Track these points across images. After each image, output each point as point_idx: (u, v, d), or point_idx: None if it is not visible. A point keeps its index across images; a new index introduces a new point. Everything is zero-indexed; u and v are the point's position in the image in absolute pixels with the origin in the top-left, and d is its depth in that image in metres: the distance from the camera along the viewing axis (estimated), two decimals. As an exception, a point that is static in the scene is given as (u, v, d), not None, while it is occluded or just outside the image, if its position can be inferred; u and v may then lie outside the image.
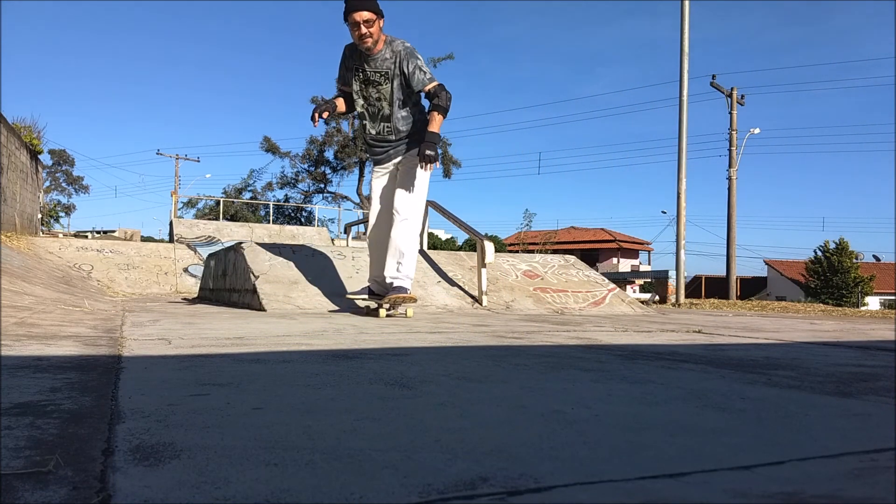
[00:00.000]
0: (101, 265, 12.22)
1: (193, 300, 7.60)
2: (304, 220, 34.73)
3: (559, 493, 0.73)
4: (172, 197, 19.39)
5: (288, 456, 0.85)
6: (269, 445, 0.90)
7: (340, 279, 5.48)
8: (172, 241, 15.50)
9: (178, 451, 0.86)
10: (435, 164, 3.83)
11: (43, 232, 17.23)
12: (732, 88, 21.81)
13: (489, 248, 5.59)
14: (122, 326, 3.03)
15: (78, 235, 25.53)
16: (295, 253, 5.78)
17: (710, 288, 34.64)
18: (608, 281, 6.57)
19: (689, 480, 0.78)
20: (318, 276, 5.43)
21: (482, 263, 5.57)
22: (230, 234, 16.19)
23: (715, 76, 21.42)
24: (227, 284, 6.37)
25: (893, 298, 35.00)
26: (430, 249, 6.89)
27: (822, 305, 10.04)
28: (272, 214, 31.22)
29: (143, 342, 2.28)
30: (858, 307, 24.60)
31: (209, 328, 2.95)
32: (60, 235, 20.36)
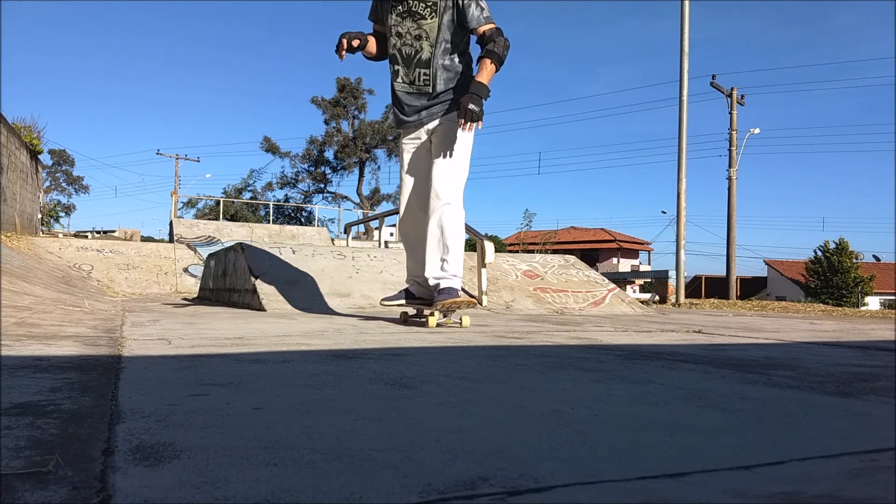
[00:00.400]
0: (101, 265, 12.22)
1: (193, 300, 7.60)
2: (304, 220, 34.75)
3: (559, 493, 0.73)
4: (172, 197, 19.40)
5: (288, 456, 0.85)
6: (269, 445, 0.90)
7: (340, 279, 5.48)
8: (172, 241, 15.50)
9: (178, 451, 0.86)
10: (478, 123, 3.01)
11: (43, 232, 17.23)
12: (732, 88, 21.81)
13: (489, 248, 5.59)
14: (122, 326, 3.03)
15: (78, 235, 25.53)
16: (295, 253, 5.78)
17: (710, 288, 34.64)
18: (608, 281, 6.57)
19: (689, 480, 0.78)
20: (318, 276, 5.43)
21: (482, 263, 5.57)
22: (230, 234, 16.20)
23: (715, 76, 21.43)
24: (227, 284, 6.37)
25: (893, 298, 35.00)
26: (430, 249, 6.88)
27: (822, 305, 10.04)
28: (272, 214, 31.22)
29: (143, 342, 2.28)
30: (858, 307, 24.60)
31: (209, 328, 2.95)
32: (60, 235, 20.36)
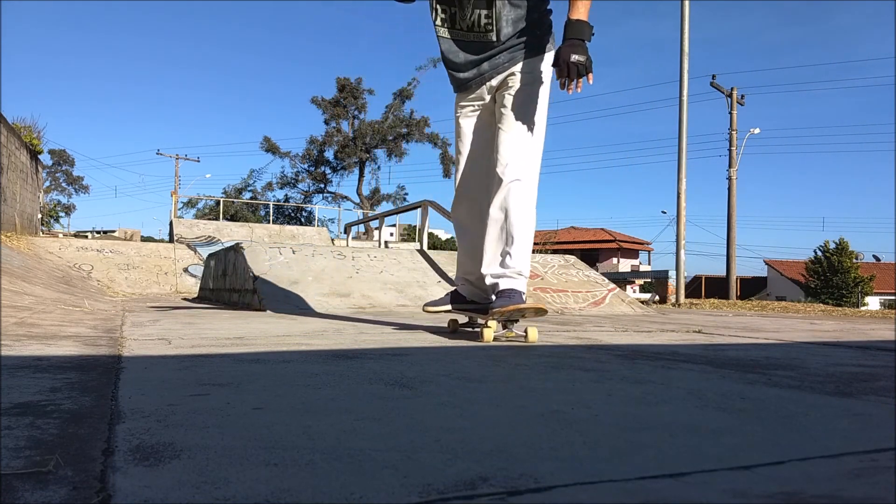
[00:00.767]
0: (101, 265, 12.22)
1: (193, 300, 7.60)
2: (304, 220, 34.75)
3: (559, 493, 0.73)
4: (172, 197, 19.40)
5: (288, 456, 0.85)
6: (269, 445, 0.90)
7: (340, 279, 5.48)
8: (172, 241, 15.51)
9: (178, 451, 0.86)
10: (588, 78, 2.31)
11: (43, 232, 17.23)
12: (732, 88, 21.82)
13: (489, 248, 5.59)
14: (122, 326, 3.03)
15: (78, 235, 25.53)
16: (295, 253, 5.78)
17: (710, 288, 34.64)
18: (608, 281, 6.57)
19: (689, 480, 0.78)
20: (318, 276, 5.43)
21: (482, 263, 5.57)
22: (230, 234, 16.20)
23: (715, 76, 21.44)
24: (227, 284, 6.37)
25: (893, 298, 35.00)
26: (430, 249, 6.89)
27: (822, 305, 10.04)
28: (272, 214, 31.22)
29: (143, 342, 2.28)
30: (858, 307, 24.60)
31: (209, 328, 2.95)
32: (60, 235, 20.36)
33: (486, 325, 2.50)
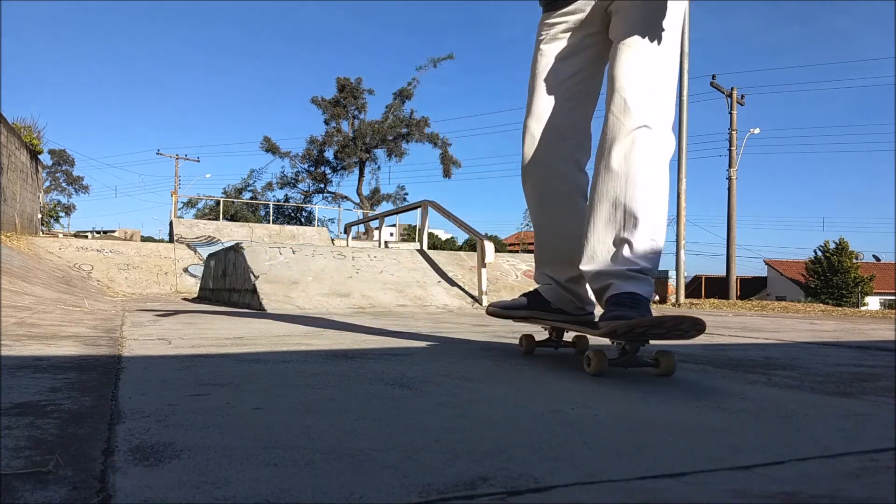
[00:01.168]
0: (101, 265, 12.22)
1: (193, 300, 7.60)
2: (304, 220, 34.76)
3: (559, 493, 0.73)
4: (172, 197, 19.39)
5: (288, 456, 0.85)
6: (269, 445, 0.90)
7: (340, 279, 5.48)
8: (172, 241, 15.51)
9: (178, 451, 0.86)
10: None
11: (43, 232, 17.23)
12: (732, 88, 21.82)
13: (489, 248, 5.59)
14: (122, 326, 3.03)
15: (78, 235, 25.54)
16: (295, 253, 5.78)
17: (710, 288, 34.65)
18: (608, 281, 6.56)
19: (689, 480, 0.78)
20: (318, 276, 5.43)
21: (482, 263, 5.57)
22: (230, 234, 16.20)
23: (715, 76, 21.43)
24: (227, 284, 6.37)
25: (893, 298, 35.01)
26: (430, 249, 6.89)
27: (822, 305, 10.04)
28: (272, 214, 31.22)
29: (143, 342, 2.28)
30: (858, 307, 24.60)
31: (209, 328, 2.95)
32: (60, 235, 20.37)
33: (594, 350, 1.68)
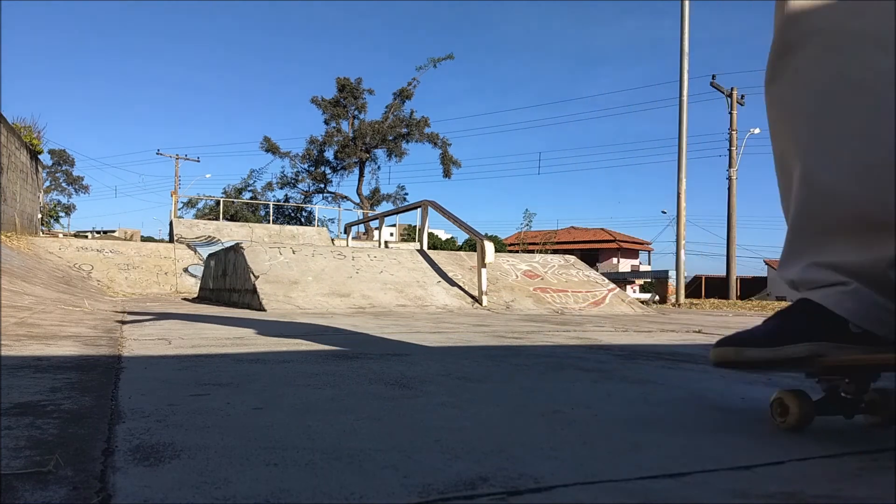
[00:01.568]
0: (101, 265, 12.23)
1: (193, 300, 7.60)
2: (304, 220, 34.74)
3: (559, 493, 0.73)
4: (172, 197, 19.38)
5: (288, 456, 0.85)
6: (269, 445, 0.90)
7: (340, 279, 5.48)
8: (172, 241, 15.51)
9: (178, 451, 0.86)
10: None
11: (43, 232, 17.24)
12: (732, 88, 21.81)
13: (489, 248, 5.59)
14: (122, 326, 3.03)
15: (78, 235, 25.56)
16: (295, 253, 5.78)
17: (710, 288, 34.65)
18: (608, 281, 6.57)
19: (689, 480, 0.78)
20: (318, 276, 5.43)
21: (482, 263, 5.57)
22: (230, 234, 16.20)
23: (715, 76, 21.44)
24: (227, 284, 6.37)
25: (893, 298, 34.97)
26: (430, 249, 6.89)
27: (822, 305, 10.03)
28: (272, 214, 31.22)
29: (143, 342, 2.28)
30: (858, 307, 24.55)
31: (209, 328, 2.95)
32: (60, 235, 20.38)
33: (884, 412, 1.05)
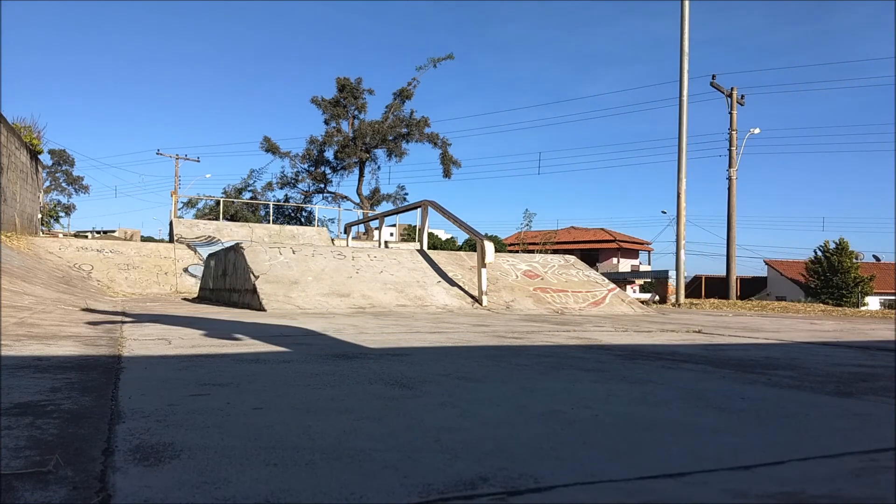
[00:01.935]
0: (101, 265, 12.22)
1: (193, 300, 7.60)
2: (304, 220, 34.72)
3: (559, 493, 0.73)
4: (172, 197, 19.37)
5: (288, 456, 0.85)
6: (269, 445, 0.90)
7: (340, 279, 5.48)
8: (172, 241, 15.50)
9: (178, 451, 0.86)
10: None
11: (43, 232, 17.24)
12: (732, 88, 21.81)
13: (489, 248, 5.59)
14: (122, 326, 3.03)
15: (78, 235, 25.55)
16: (295, 253, 5.78)
17: (710, 288, 34.63)
18: (608, 281, 6.57)
19: (689, 480, 0.78)
20: (318, 276, 5.43)
21: (482, 263, 5.57)
22: (230, 234, 16.19)
23: (715, 76, 21.41)
24: (227, 284, 6.37)
25: (893, 298, 35.01)
26: (430, 249, 6.89)
27: (822, 305, 10.03)
28: (272, 214, 31.20)
29: (143, 342, 2.28)
30: (858, 307, 24.61)
31: (209, 328, 2.95)
32: (60, 235, 20.37)
33: None
